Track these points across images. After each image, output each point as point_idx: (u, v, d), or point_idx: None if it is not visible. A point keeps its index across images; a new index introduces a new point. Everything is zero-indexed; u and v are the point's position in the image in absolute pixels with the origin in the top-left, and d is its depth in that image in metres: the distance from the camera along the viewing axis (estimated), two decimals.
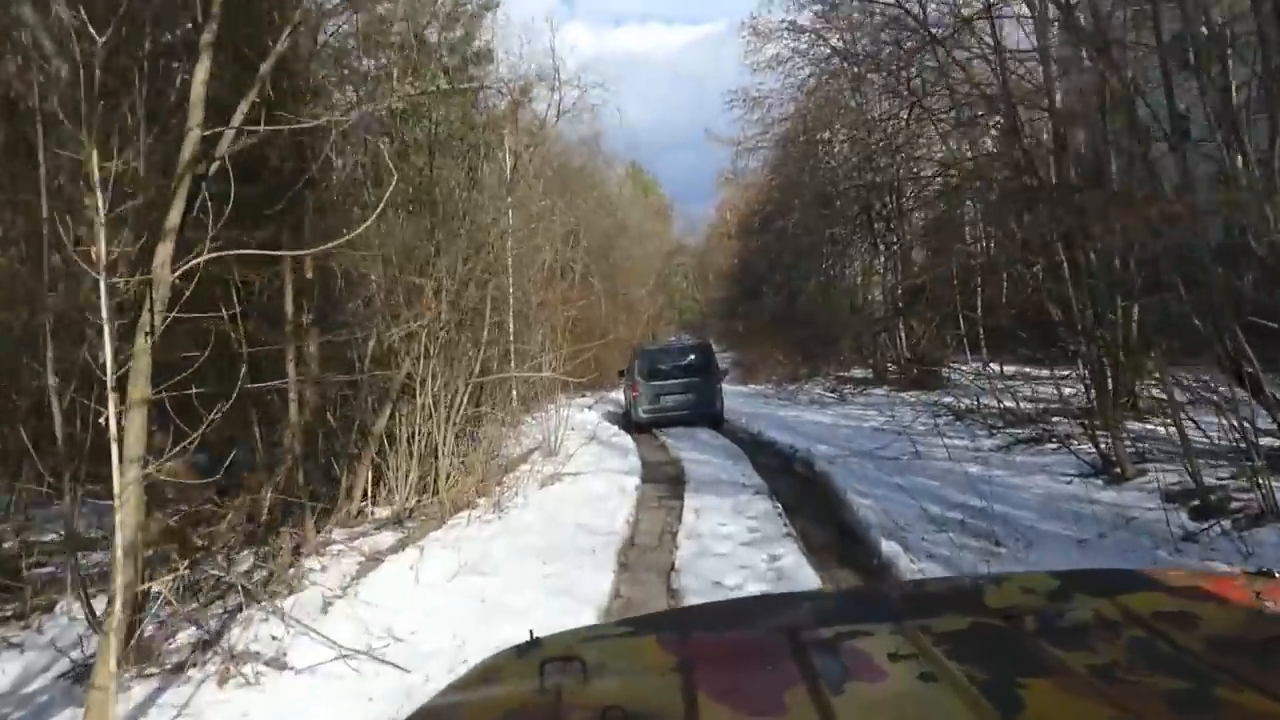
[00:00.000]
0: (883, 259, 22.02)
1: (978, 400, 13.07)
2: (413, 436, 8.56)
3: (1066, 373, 12.84)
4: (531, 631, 1.55)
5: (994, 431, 11.46)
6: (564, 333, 21.33)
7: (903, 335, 23.61)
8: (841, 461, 10.20)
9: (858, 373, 23.89)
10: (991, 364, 21.10)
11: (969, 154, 17.12)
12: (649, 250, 39.10)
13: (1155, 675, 1.10)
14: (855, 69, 21.14)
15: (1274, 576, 1.47)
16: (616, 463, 11.66)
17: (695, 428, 15.47)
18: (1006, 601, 1.45)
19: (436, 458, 8.79)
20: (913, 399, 17.19)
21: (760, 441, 13.29)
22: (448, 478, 9.07)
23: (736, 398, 21.37)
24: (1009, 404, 12.10)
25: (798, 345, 26.76)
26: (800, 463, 10.85)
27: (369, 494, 8.50)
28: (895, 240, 21.45)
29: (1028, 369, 12.91)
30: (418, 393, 8.44)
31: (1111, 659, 1.16)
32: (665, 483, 10.34)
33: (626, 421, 18.01)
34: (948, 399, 14.89)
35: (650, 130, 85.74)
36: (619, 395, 24.74)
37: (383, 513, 8.50)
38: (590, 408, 20.47)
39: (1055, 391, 12.20)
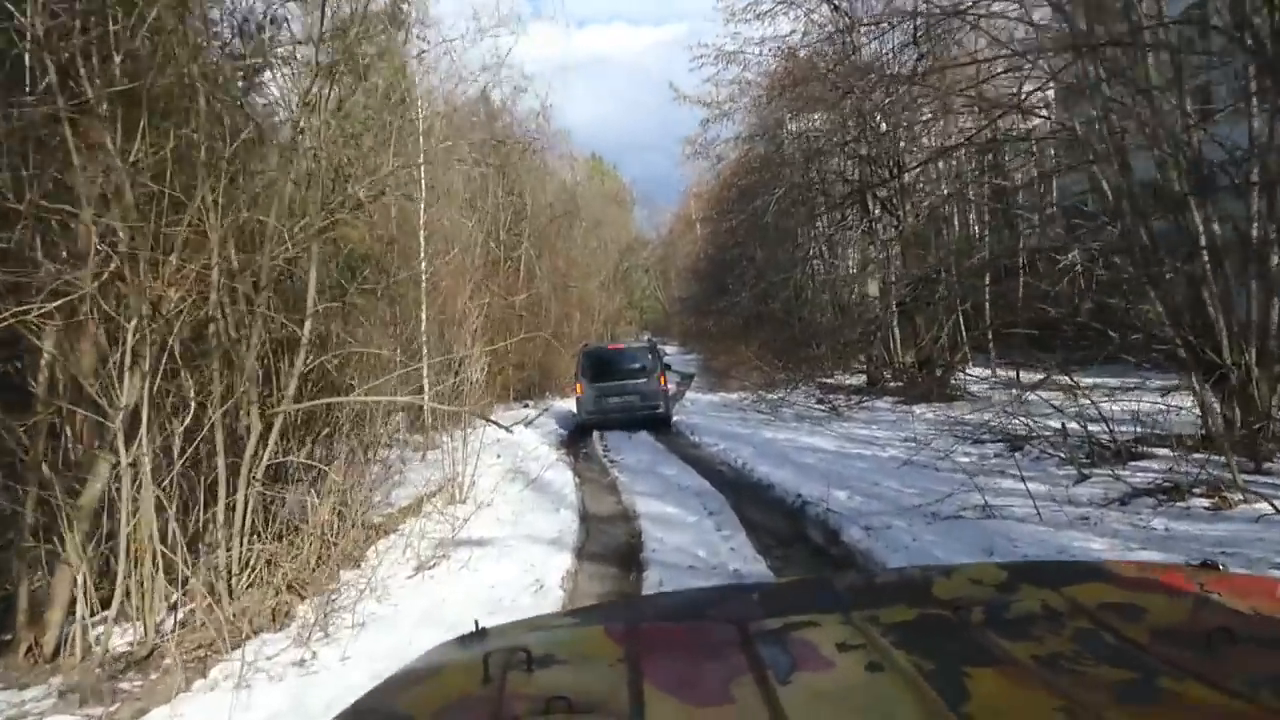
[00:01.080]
0: (880, 245, 18.51)
1: (1033, 421, 9.65)
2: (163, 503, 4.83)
3: (1161, 386, 9.56)
4: (476, 621, 1.53)
5: (1082, 471, 8.00)
6: (491, 333, 17.69)
7: (897, 336, 20.27)
8: (882, 527, 6.64)
9: (845, 380, 20.50)
10: (998, 369, 18.14)
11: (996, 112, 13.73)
12: (605, 240, 35.33)
13: (1100, 666, 1.10)
14: (849, 15, 17.72)
15: (1218, 569, 1.46)
16: (543, 520, 7.98)
17: (659, 458, 11.79)
18: (954, 593, 1.43)
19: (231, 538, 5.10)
20: (929, 414, 13.77)
21: (748, 482, 9.65)
22: (245, 569, 5.36)
23: (707, 411, 17.78)
24: (1093, 427, 8.71)
25: (776, 348, 23.27)
26: (816, 526, 7.22)
27: (88, 607, 4.74)
28: (896, 222, 17.99)
29: (1072, 379, 9.48)
30: (145, 433, 4.68)
31: (1057, 649, 1.14)
32: (611, 562, 6.66)
33: (572, 436, 15.44)
34: (978, 416, 11.45)
35: (614, 131, 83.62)
36: (568, 405, 21.13)
37: (118, 639, 4.79)
38: (529, 423, 16.74)
39: (1139, 410, 8.95)
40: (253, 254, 4.93)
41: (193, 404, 4.58)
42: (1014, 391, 11.55)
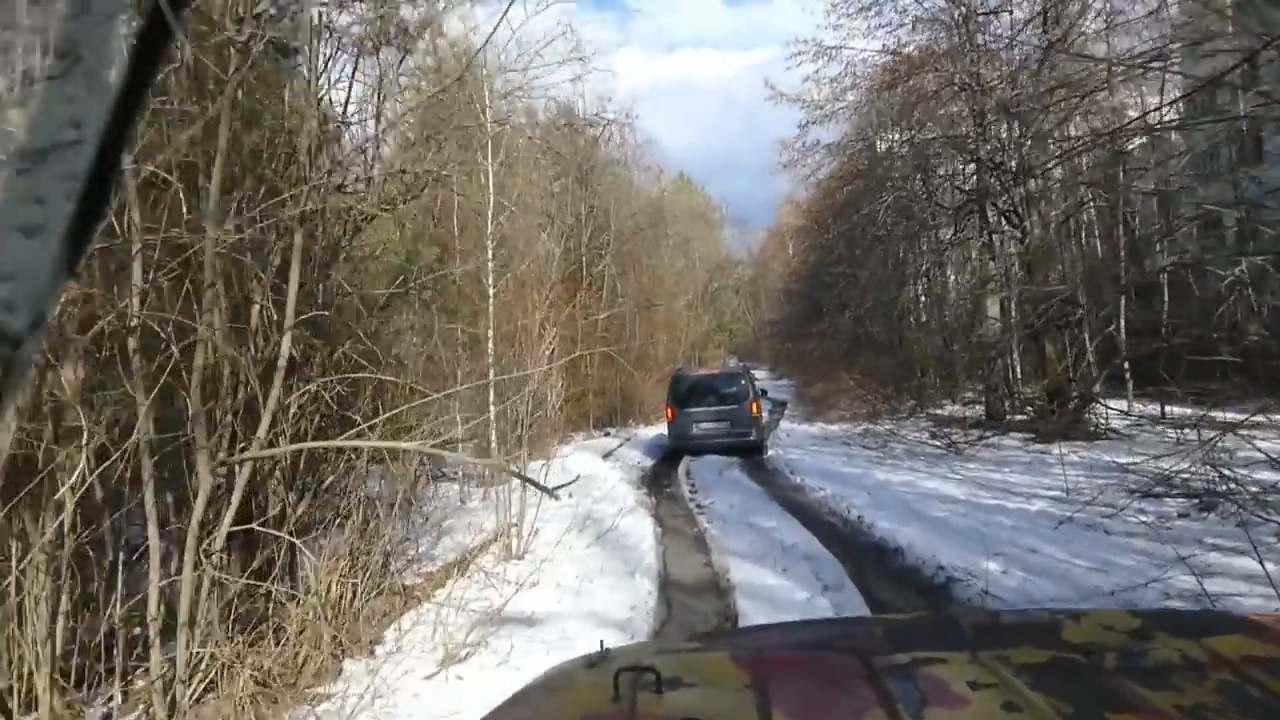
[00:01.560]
0: (1001, 260, 16.45)
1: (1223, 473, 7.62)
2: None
3: None
4: (602, 642, 1.56)
5: None
6: (569, 354, 16.24)
7: (1017, 363, 18.09)
8: None
9: (957, 411, 18.40)
10: (1138, 403, 15.83)
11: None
12: (693, 258, 33.71)
13: (1247, 719, 1.05)
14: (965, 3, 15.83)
15: None
16: (613, 589, 6.41)
17: (754, 503, 10.04)
18: (1085, 637, 1.41)
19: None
20: (1072, 456, 11.72)
21: (868, 542, 7.83)
22: (195, 674, 3.91)
23: (806, 445, 15.95)
24: None
25: (880, 375, 21.28)
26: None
27: None
28: (1020, 234, 15.92)
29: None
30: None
31: (1200, 700, 1.10)
32: None
33: (656, 472, 14.04)
34: (1147, 462, 9.39)
35: (702, 155, 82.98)
36: (653, 433, 19.55)
37: None
38: (608, 455, 15.22)
39: None
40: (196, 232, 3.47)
41: (86, 450, 3.13)
42: (1188, 431, 9.47)
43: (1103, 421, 14.01)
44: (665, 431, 16.54)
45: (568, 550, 7.56)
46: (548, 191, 23.08)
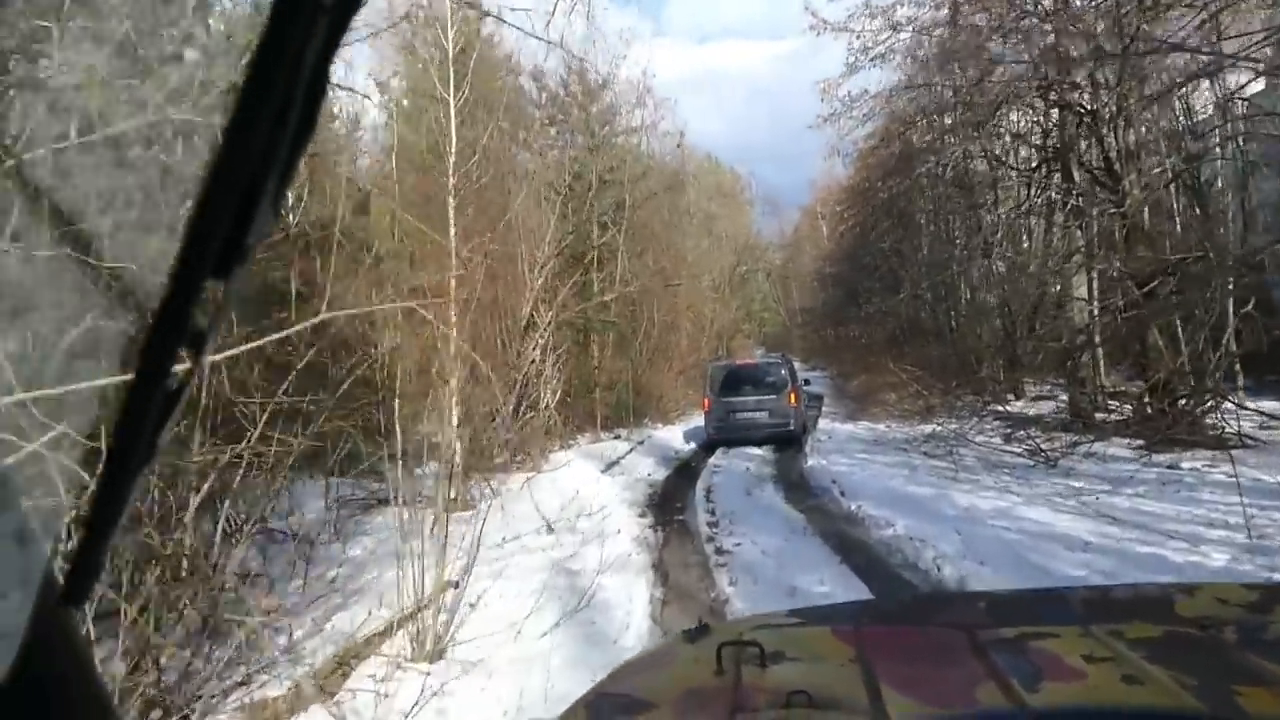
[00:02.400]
0: (1093, 227, 13.53)
1: None
2: None
3: None
4: (700, 618, 1.58)
5: None
6: (568, 344, 13.67)
7: (1100, 357, 15.18)
8: None
9: (1024, 409, 15.53)
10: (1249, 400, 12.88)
11: None
12: (719, 235, 30.78)
13: None
14: None
15: None
16: None
17: (797, 544, 7.20)
18: (1199, 611, 1.38)
19: None
20: (1216, 474, 8.90)
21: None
22: None
23: (853, 451, 13.15)
24: None
25: (934, 367, 18.44)
26: None
27: None
28: (1115, 197, 13.00)
29: None
30: None
31: None
32: None
33: (671, 487, 11.25)
34: None
35: (730, 144, 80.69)
36: (673, 435, 16.90)
37: None
38: (613, 465, 12.55)
39: None
40: None
41: None
42: None
43: (1229, 425, 11.14)
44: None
45: (513, 637, 4.92)
46: (546, 163, 20.47)
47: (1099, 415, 13.57)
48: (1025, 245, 18.68)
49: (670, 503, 9.93)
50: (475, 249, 10.23)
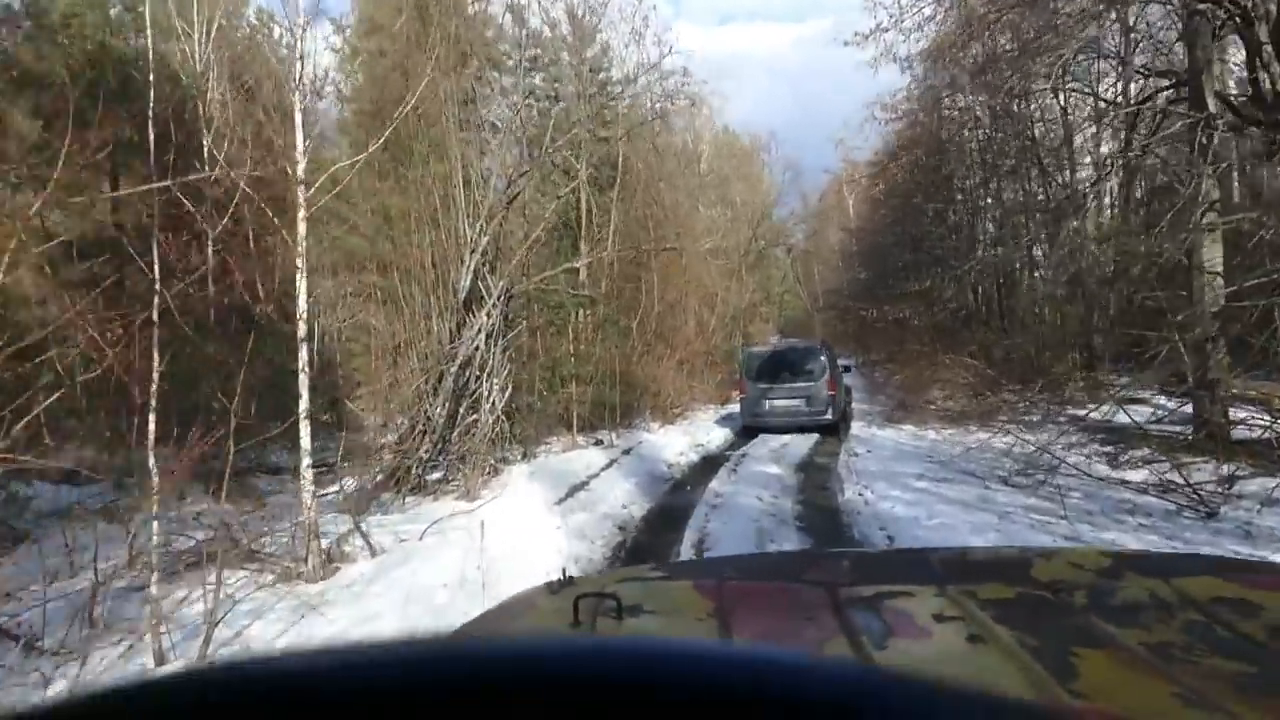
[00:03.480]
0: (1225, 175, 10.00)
1: None
2: None
3: None
4: (564, 570, 1.60)
5: None
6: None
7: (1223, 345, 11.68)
8: None
9: (1105, 413, 12.07)
10: None
11: None
12: (734, 201, 27.14)
13: (1215, 658, 1.05)
14: None
15: None
16: None
17: None
18: (1054, 575, 1.41)
19: None
20: None
21: None
22: None
23: (905, 475, 9.67)
24: None
25: (992, 363, 15.00)
26: None
27: None
28: (1271, 134, 9.47)
29: None
30: None
31: (1167, 639, 1.11)
32: None
33: (641, 546, 7.99)
34: None
35: (754, 126, 77.75)
36: (673, 440, 13.64)
37: None
38: (573, 493, 9.17)
39: None
40: None
41: None
42: None
43: None
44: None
45: None
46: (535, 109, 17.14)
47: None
48: (1109, 210, 15.15)
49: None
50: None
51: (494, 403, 9.70)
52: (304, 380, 5.88)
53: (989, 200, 17.54)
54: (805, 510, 8.11)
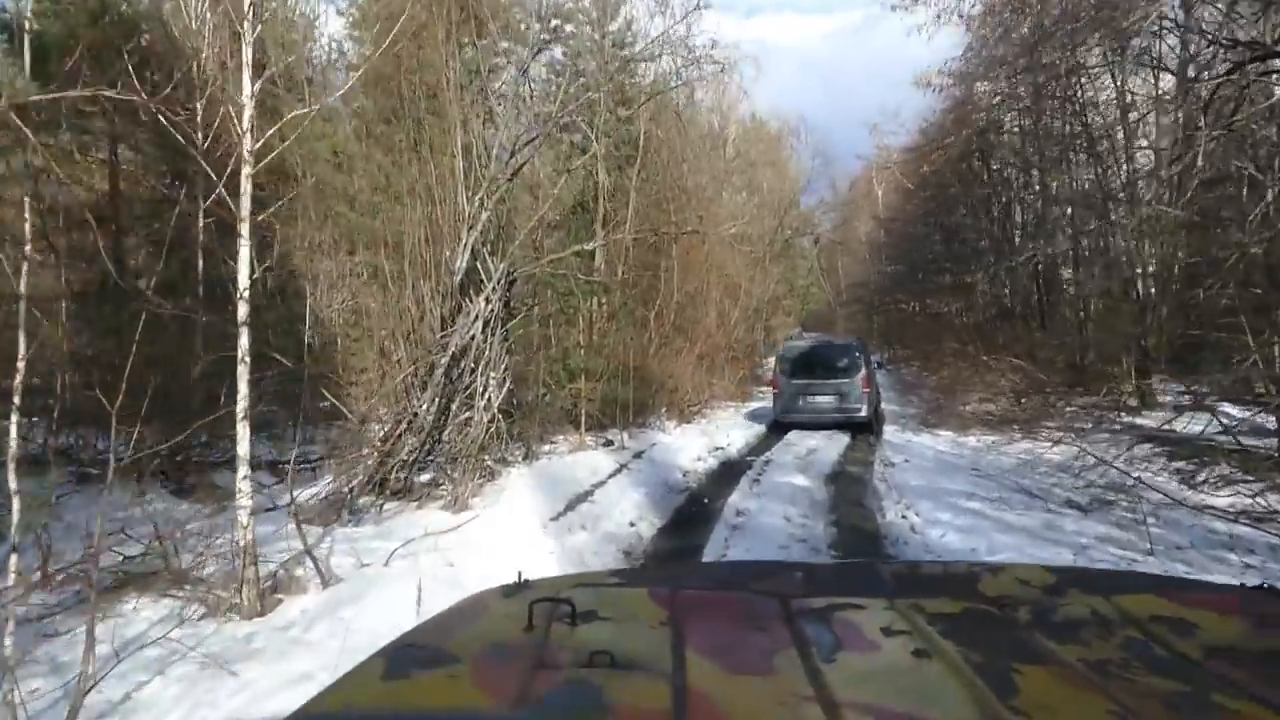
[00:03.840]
0: None
1: None
2: None
3: None
4: (520, 573, 1.54)
5: None
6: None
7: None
8: None
9: (1159, 418, 10.86)
10: None
11: None
12: (760, 185, 25.84)
13: (1151, 676, 1.08)
14: None
15: (1274, 592, 1.42)
16: None
17: None
18: (1001, 590, 1.43)
19: None
20: None
21: None
22: None
23: (953, 493, 8.48)
24: None
25: (1042, 364, 13.83)
26: None
27: None
28: None
29: None
30: None
31: (1106, 656, 1.14)
32: None
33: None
34: None
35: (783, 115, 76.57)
36: (688, 439, 12.62)
37: None
38: (577, 503, 8.09)
39: None
40: None
41: None
42: None
43: None
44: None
45: None
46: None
47: None
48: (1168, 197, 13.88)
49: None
50: None
51: (490, 399, 8.63)
52: (243, 372, 4.83)
53: (1036, 189, 16.27)
54: (841, 535, 7.00)
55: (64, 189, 10.70)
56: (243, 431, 4.87)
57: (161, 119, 5.58)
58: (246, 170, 4.90)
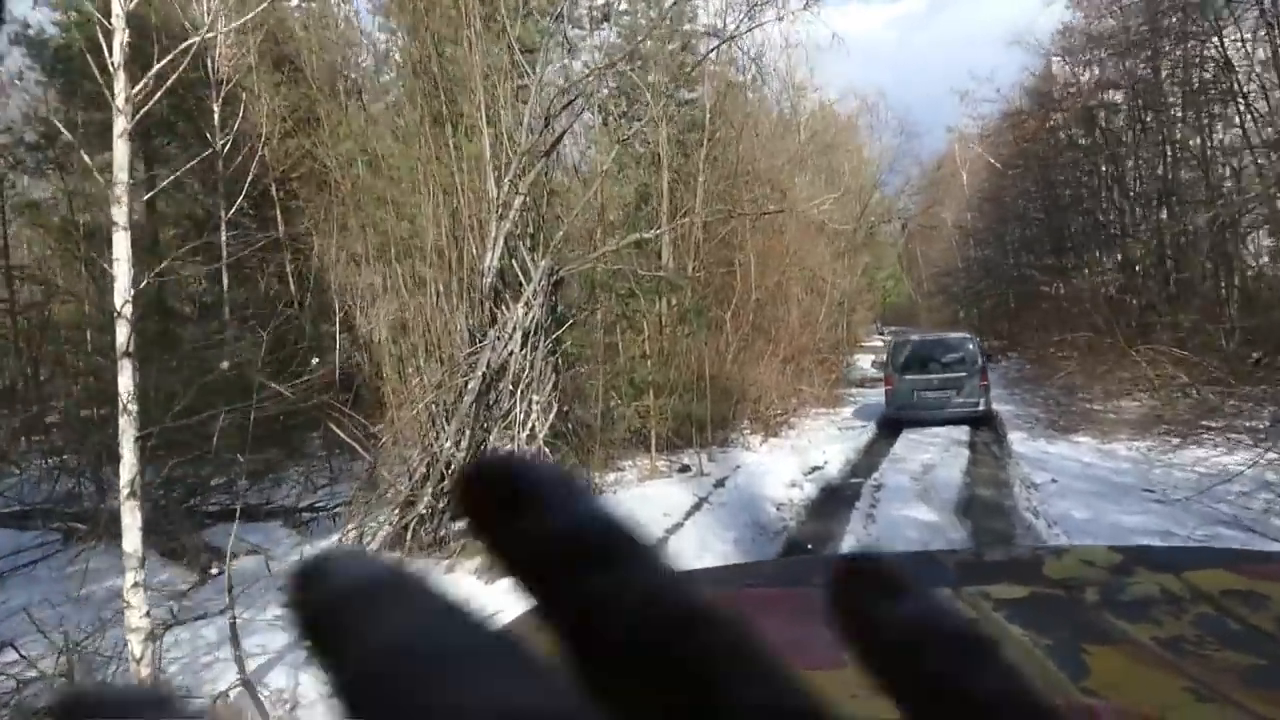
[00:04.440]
0: None
1: None
2: None
3: None
4: None
5: None
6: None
7: None
8: None
9: None
10: None
11: None
12: (839, 169, 23.65)
13: (1225, 650, 1.02)
14: None
15: None
16: None
17: None
18: (1066, 573, 1.40)
19: None
20: None
21: None
22: None
23: (1132, 524, 6.44)
24: None
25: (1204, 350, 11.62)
26: None
27: None
28: None
29: None
30: None
31: (1178, 633, 1.09)
32: None
33: None
34: None
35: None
36: (778, 460, 10.79)
37: None
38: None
39: None
40: None
41: None
42: None
43: None
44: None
45: None
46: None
47: None
48: None
49: None
50: None
51: (534, 428, 6.92)
52: (125, 427, 3.17)
53: (1175, 144, 13.97)
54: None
55: None
56: (130, 518, 3.21)
57: None
58: (121, 124, 3.25)
